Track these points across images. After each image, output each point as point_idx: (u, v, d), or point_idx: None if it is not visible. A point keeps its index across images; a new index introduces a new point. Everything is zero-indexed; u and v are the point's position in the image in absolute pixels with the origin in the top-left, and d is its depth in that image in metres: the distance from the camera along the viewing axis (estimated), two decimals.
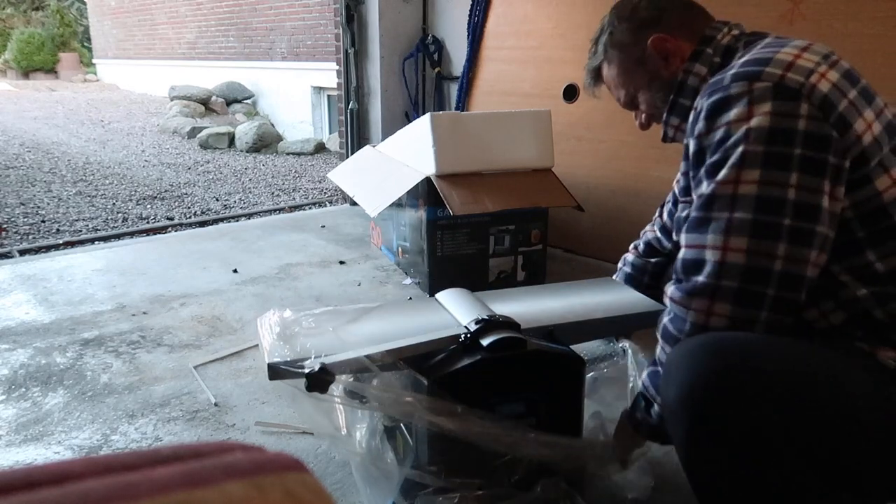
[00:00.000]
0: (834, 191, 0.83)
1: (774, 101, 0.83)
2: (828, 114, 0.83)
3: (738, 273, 0.81)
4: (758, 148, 0.83)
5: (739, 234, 0.82)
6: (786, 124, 0.82)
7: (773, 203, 0.81)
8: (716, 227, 0.84)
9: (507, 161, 2.30)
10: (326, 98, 6.82)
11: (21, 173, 4.88)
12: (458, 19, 3.22)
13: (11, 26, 13.74)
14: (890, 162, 0.85)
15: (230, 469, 0.25)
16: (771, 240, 0.81)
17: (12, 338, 1.96)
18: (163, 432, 1.49)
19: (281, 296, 2.32)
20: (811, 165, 0.81)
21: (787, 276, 0.81)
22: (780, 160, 0.82)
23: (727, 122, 0.86)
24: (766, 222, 0.81)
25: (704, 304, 0.84)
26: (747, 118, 0.84)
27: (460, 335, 1.11)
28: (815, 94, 0.83)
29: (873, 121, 0.85)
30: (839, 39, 1.97)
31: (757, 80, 0.85)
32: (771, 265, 0.81)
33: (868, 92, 0.89)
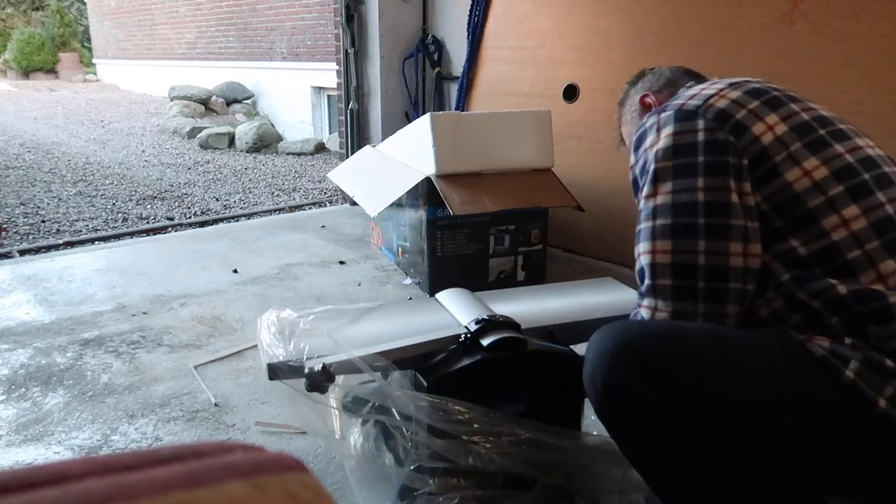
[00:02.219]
0: (740, 187, 0.92)
1: (675, 122, 0.97)
2: (723, 123, 0.94)
3: (668, 271, 0.92)
4: (666, 164, 0.95)
5: (663, 237, 0.93)
6: (686, 139, 0.95)
7: (686, 207, 0.92)
8: (644, 235, 0.96)
9: (507, 161, 2.30)
10: (326, 98, 6.82)
11: (21, 173, 4.88)
12: (458, 19, 3.22)
13: (11, 26, 13.74)
14: (801, 156, 0.92)
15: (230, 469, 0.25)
16: (690, 238, 0.91)
17: (12, 338, 1.96)
18: (163, 432, 1.49)
19: (281, 296, 2.32)
20: (713, 168, 0.92)
21: (712, 269, 0.90)
22: (686, 169, 0.93)
23: (644, 149, 1.00)
24: (683, 224, 0.92)
25: (651, 303, 0.95)
26: (655, 142, 0.98)
27: (460, 335, 1.11)
28: (710, 111, 0.95)
29: (777, 123, 0.94)
30: (839, 39, 1.97)
31: (663, 112, 1.00)
32: (695, 260, 0.91)
33: (777, 100, 0.97)
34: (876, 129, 0.98)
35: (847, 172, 0.90)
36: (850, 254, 0.86)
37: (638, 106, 1.30)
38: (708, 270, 0.90)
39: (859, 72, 1.93)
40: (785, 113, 0.95)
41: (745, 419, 0.84)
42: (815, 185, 0.90)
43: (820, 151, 0.91)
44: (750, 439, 0.84)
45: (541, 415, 1.12)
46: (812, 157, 0.91)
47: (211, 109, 7.83)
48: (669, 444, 0.88)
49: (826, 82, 2.00)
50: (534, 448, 1.05)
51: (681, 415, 0.85)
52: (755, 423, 0.84)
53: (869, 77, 1.91)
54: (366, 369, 1.13)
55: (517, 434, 1.03)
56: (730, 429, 0.85)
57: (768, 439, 0.84)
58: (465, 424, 1.02)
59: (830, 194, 0.89)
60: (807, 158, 0.91)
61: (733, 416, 0.84)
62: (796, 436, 0.83)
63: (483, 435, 1.03)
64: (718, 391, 0.85)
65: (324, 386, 1.03)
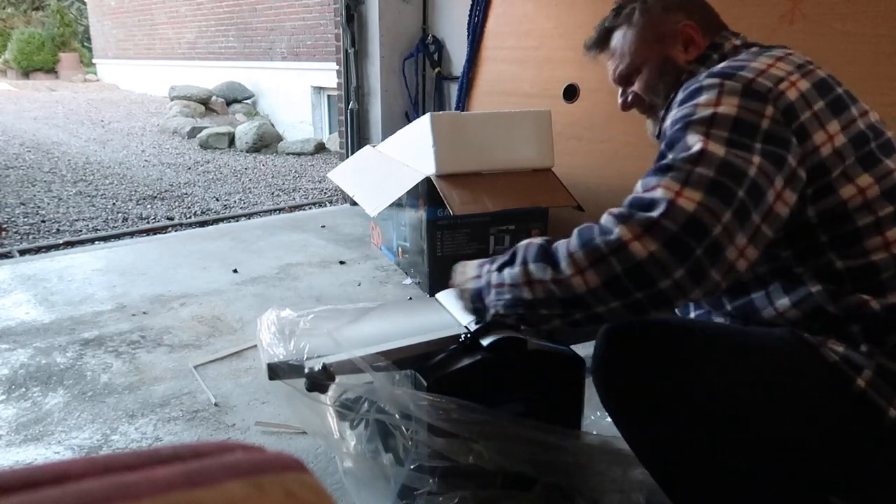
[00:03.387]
0: (783, 193, 0.83)
1: (742, 97, 0.87)
2: (790, 120, 0.86)
3: (682, 219, 0.78)
4: (722, 132, 0.84)
5: (697, 187, 0.80)
6: (751, 118, 0.85)
7: (735, 170, 0.81)
8: (676, 175, 0.82)
9: (507, 161, 2.30)
10: (326, 98, 6.82)
11: (21, 173, 4.88)
12: (458, 19, 3.22)
13: (11, 26, 13.74)
14: (854, 172, 0.87)
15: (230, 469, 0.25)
16: (723, 203, 0.79)
17: (12, 338, 1.96)
18: (163, 432, 1.49)
19: (281, 296, 2.32)
20: (771, 156, 0.83)
21: (715, 246, 0.78)
22: (743, 143, 0.83)
23: (695, 103, 0.89)
24: (724, 185, 0.80)
25: (636, 231, 0.79)
26: (715, 104, 0.87)
27: (460, 335, 1.11)
28: (782, 100, 0.87)
29: (837, 132, 0.88)
30: (839, 39, 1.97)
31: (729, 79, 0.89)
32: (713, 226, 0.78)
33: (840, 102, 0.91)
34: None
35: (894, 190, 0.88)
36: (886, 274, 0.85)
37: (678, 32, 1.09)
38: (712, 245, 0.78)
39: (859, 72, 1.93)
40: (845, 120, 0.90)
41: (748, 417, 0.84)
42: (866, 204, 0.87)
43: (872, 168, 0.88)
44: (754, 438, 0.84)
45: (541, 415, 1.12)
46: (865, 173, 0.88)
47: (211, 109, 7.83)
48: (674, 438, 0.88)
49: None
50: (533, 447, 1.05)
51: (683, 409, 0.86)
52: (758, 421, 0.84)
53: (869, 77, 1.91)
54: (366, 369, 1.13)
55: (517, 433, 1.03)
56: (732, 426, 0.84)
57: (773, 439, 0.83)
58: (464, 423, 1.02)
59: (880, 214, 0.86)
60: (860, 175, 0.87)
61: (736, 414, 0.84)
62: (801, 438, 0.83)
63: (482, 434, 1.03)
64: (722, 388, 0.85)
65: (324, 386, 1.03)
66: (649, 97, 1.13)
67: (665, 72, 1.10)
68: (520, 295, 0.90)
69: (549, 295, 0.86)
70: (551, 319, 0.89)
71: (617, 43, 1.16)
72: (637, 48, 1.13)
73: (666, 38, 1.10)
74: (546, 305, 0.87)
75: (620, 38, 1.15)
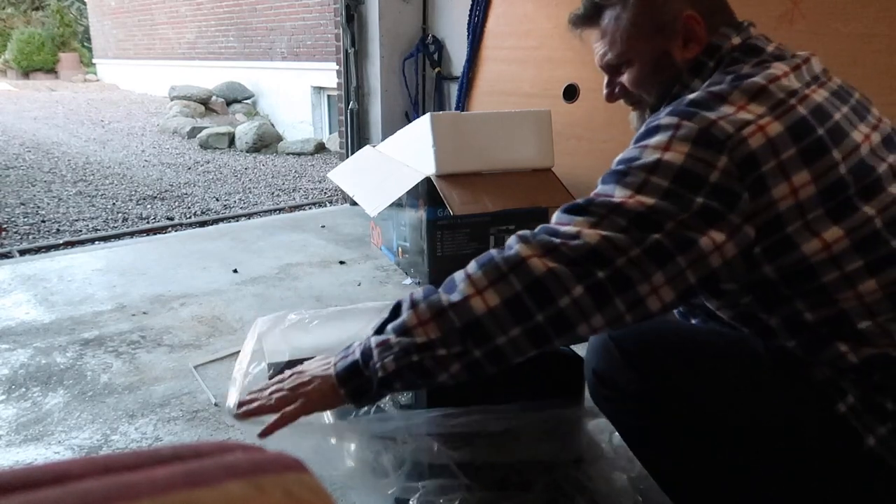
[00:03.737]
0: (724, 244, 0.78)
1: (694, 145, 0.78)
2: (746, 173, 0.77)
3: (584, 250, 0.77)
4: (662, 182, 0.78)
5: (606, 228, 0.78)
6: (699, 169, 0.78)
7: (651, 224, 0.77)
8: (588, 217, 0.80)
9: (507, 161, 2.30)
10: (326, 98, 6.82)
11: (21, 173, 4.88)
12: (458, 19, 3.22)
13: (11, 26, 13.74)
14: (820, 225, 0.78)
15: (230, 469, 0.25)
16: (630, 244, 0.77)
17: (12, 338, 1.96)
18: (163, 432, 1.49)
19: (281, 296, 2.32)
20: (708, 213, 0.77)
21: (621, 276, 0.77)
22: (680, 200, 0.77)
23: (646, 144, 0.82)
24: (635, 232, 0.77)
25: (536, 251, 0.80)
26: (664, 149, 0.80)
27: None
28: (740, 150, 0.77)
29: (805, 184, 0.78)
30: (839, 39, 1.97)
31: (687, 120, 0.80)
32: (616, 258, 0.77)
33: (820, 145, 0.79)
34: None
35: (871, 242, 0.79)
36: (862, 323, 0.79)
37: (681, 24, 0.95)
38: (615, 276, 0.77)
39: (859, 72, 1.93)
40: (822, 167, 0.78)
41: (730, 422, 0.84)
42: (831, 259, 0.79)
43: (845, 218, 0.79)
44: (740, 442, 0.84)
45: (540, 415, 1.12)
46: (834, 226, 0.78)
47: (211, 109, 7.83)
48: (659, 434, 0.90)
49: None
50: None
51: (667, 409, 0.87)
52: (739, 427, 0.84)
53: (869, 77, 1.91)
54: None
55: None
56: (720, 427, 0.85)
57: (754, 446, 0.84)
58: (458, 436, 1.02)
59: (847, 270, 0.79)
60: (828, 228, 0.78)
61: (718, 417, 0.85)
62: (782, 449, 0.83)
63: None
64: (703, 390, 0.85)
65: None
66: (638, 92, 1.02)
67: (660, 69, 0.98)
68: (412, 341, 0.81)
69: (447, 327, 0.80)
70: (450, 363, 0.81)
71: (607, 25, 1.00)
72: (630, 37, 0.98)
73: (664, 30, 0.96)
74: (443, 344, 0.80)
75: (612, 21, 1.00)
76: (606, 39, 1.01)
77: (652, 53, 0.98)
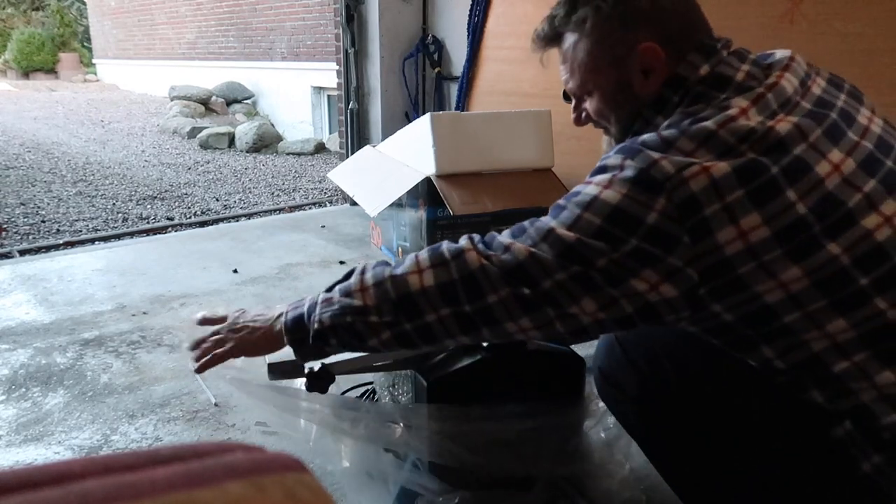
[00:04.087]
0: (659, 284, 0.76)
1: (633, 185, 0.76)
2: (686, 216, 0.74)
3: (512, 263, 0.81)
4: (595, 220, 0.77)
5: (536, 247, 0.80)
6: (634, 210, 0.75)
7: (579, 257, 0.77)
8: (522, 237, 0.84)
9: (507, 161, 2.30)
10: (326, 98, 6.82)
11: (21, 173, 4.88)
12: (458, 19, 3.22)
13: (11, 26, 13.74)
14: (779, 266, 0.74)
15: (230, 469, 0.25)
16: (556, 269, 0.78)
17: (12, 338, 1.96)
18: (163, 432, 1.49)
19: (281, 296, 2.32)
20: (640, 255, 0.75)
21: (549, 295, 0.79)
22: (612, 240, 0.76)
23: (588, 181, 0.82)
24: (562, 262, 0.78)
25: (479, 249, 0.85)
26: (604, 186, 0.78)
27: None
28: (679, 192, 0.74)
29: (755, 227, 0.73)
30: (839, 39, 1.97)
31: (630, 159, 0.78)
32: (542, 279, 0.79)
33: (772, 187, 0.73)
34: None
35: (836, 281, 0.74)
36: (837, 366, 0.76)
37: (637, 58, 0.89)
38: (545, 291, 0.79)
39: (859, 72, 1.93)
40: (774, 209, 0.73)
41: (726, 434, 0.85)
42: (790, 298, 0.75)
43: (806, 258, 0.73)
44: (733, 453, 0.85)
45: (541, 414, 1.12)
46: (794, 266, 0.73)
47: (211, 109, 7.83)
48: (660, 436, 0.93)
49: None
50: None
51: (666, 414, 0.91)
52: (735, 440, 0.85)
53: (869, 77, 1.91)
54: (366, 369, 1.13)
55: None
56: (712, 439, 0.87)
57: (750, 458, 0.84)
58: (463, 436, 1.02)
59: (809, 309, 0.75)
60: (786, 269, 0.74)
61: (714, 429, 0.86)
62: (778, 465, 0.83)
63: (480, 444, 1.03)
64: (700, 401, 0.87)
65: (324, 386, 1.03)
66: (602, 122, 0.99)
67: (620, 102, 0.94)
68: (350, 303, 0.88)
69: (382, 296, 0.86)
70: (381, 330, 0.86)
71: (567, 51, 0.97)
72: (587, 69, 0.95)
73: (621, 63, 0.91)
74: (376, 311, 0.86)
75: (571, 48, 0.96)
76: (567, 66, 0.98)
77: (610, 85, 0.93)
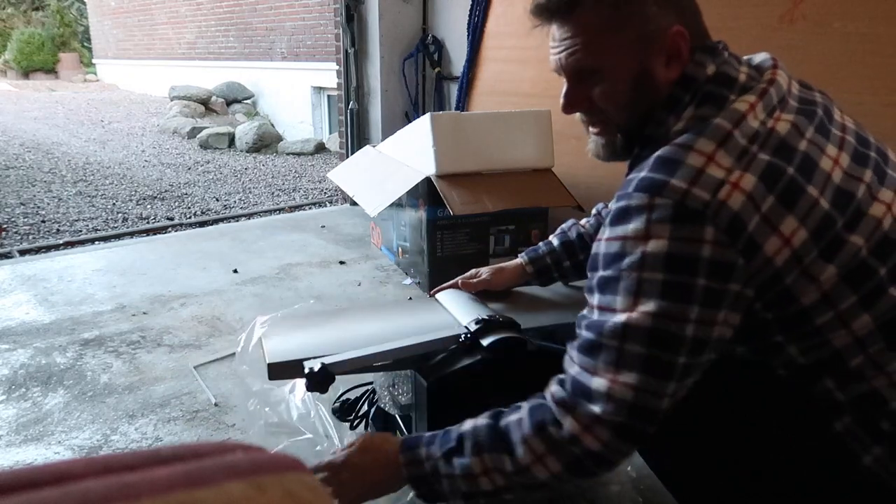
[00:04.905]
0: (728, 317, 0.77)
1: (674, 223, 0.73)
2: (735, 238, 0.73)
3: (626, 409, 0.76)
4: (656, 276, 0.74)
5: (630, 368, 0.76)
6: (687, 250, 0.73)
7: (669, 339, 0.75)
8: (606, 357, 0.77)
9: (507, 161, 2.30)
10: (326, 98, 6.82)
11: (21, 173, 4.88)
12: (458, 19, 3.21)
13: (11, 26, 13.74)
14: (816, 268, 0.75)
15: (230, 469, 0.25)
16: (663, 379, 0.76)
17: (12, 338, 1.96)
18: (163, 432, 1.49)
19: (281, 296, 2.32)
20: (713, 297, 0.74)
21: (660, 413, 0.78)
22: (681, 291, 0.74)
23: (623, 236, 0.77)
24: (659, 360, 0.75)
25: (585, 424, 0.79)
26: (645, 238, 0.75)
27: (461, 335, 1.11)
28: (722, 215, 0.73)
29: (794, 231, 0.74)
30: (839, 39, 1.97)
31: (658, 195, 0.74)
32: (659, 403, 0.77)
33: (794, 186, 0.75)
34: (876, 129, 0.97)
35: (860, 274, 0.76)
36: (853, 361, 0.77)
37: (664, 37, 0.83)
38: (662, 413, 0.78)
39: (859, 72, 1.93)
40: (804, 209, 0.74)
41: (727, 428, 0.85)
42: (824, 298, 0.76)
43: (836, 255, 0.75)
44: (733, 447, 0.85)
45: None
46: (828, 265, 0.75)
47: (211, 109, 7.83)
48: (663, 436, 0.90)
49: (826, 82, 1.99)
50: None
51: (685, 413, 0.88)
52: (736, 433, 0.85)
53: (869, 77, 1.91)
54: (366, 369, 1.13)
55: None
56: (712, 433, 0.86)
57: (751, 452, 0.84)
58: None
59: (841, 308, 0.76)
60: (822, 270, 0.75)
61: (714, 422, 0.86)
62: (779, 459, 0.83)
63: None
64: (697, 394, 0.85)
65: (324, 385, 1.03)
66: (607, 109, 0.90)
67: (638, 88, 0.87)
68: (478, 486, 0.86)
69: (511, 483, 0.85)
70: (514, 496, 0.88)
71: (584, 19, 0.85)
72: (608, 43, 0.85)
73: (651, 43, 0.84)
74: (508, 491, 0.86)
75: (589, 16, 0.85)
76: (579, 38, 0.86)
77: (631, 67, 0.86)
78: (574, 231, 1.29)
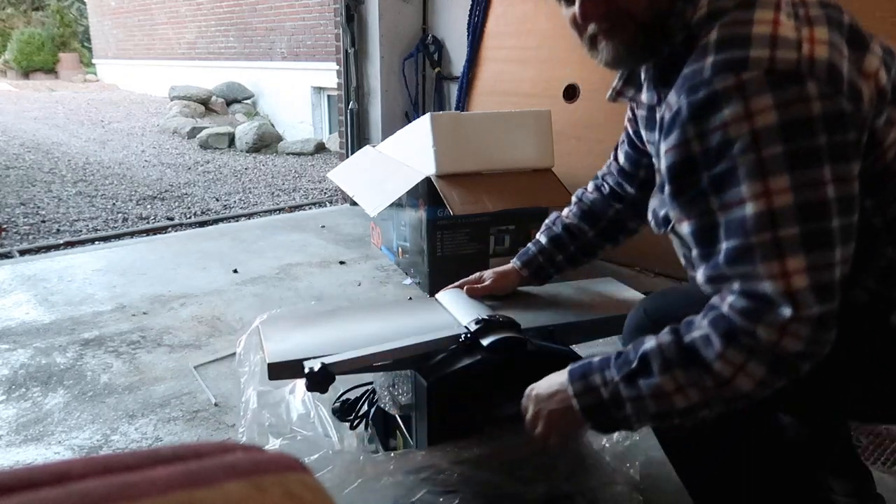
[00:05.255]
0: (857, 167, 0.75)
1: (774, 91, 0.70)
2: (838, 86, 0.71)
3: (811, 299, 0.72)
4: (776, 149, 0.70)
5: (793, 254, 0.71)
6: (798, 113, 0.70)
7: (815, 208, 0.71)
8: (763, 254, 0.72)
9: (507, 161, 2.30)
10: (326, 98, 6.82)
11: (21, 173, 4.88)
12: (458, 19, 3.21)
13: (11, 26, 13.74)
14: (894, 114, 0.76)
15: (230, 469, 0.25)
16: (827, 249, 0.72)
17: (12, 338, 1.96)
18: (163, 432, 1.49)
19: (281, 296, 2.32)
20: (839, 151, 0.71)
21: (840, 282, 0.74)
22: (808, 156, 0.70)
23: (722, 123, 0.73)
24: (814, 232, 0.71)
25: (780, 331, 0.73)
26: (748, 117, 0.71)
27: (461, 335, 1.11)
28: (818, 67, 0.71)
29: (877, 70, 0.75)
30: None
31: (744, 70, 0.72)
32: (833, 275, 0.72)
33: (856, 33, 0.77)
34: None
35: None
36: None
37: None
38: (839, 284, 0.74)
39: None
40: (874, 49, 0.76)
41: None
42: None
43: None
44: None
45: None
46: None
47: (211, 109, 7.83)
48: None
49: None
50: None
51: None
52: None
53: None
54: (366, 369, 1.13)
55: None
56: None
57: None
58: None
59: None
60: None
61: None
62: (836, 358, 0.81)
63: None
64: None
65: (323, 385, 1.03)
66: (632, 4, 0.86)
67: None
68: (671, 404, 0.80)
69: (709, 397, 0.79)
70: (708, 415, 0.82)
71: None
72: None
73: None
74: (704, 407, 0.80)
75: None
76: None
77: None
78: (559, 224, 1.30)
